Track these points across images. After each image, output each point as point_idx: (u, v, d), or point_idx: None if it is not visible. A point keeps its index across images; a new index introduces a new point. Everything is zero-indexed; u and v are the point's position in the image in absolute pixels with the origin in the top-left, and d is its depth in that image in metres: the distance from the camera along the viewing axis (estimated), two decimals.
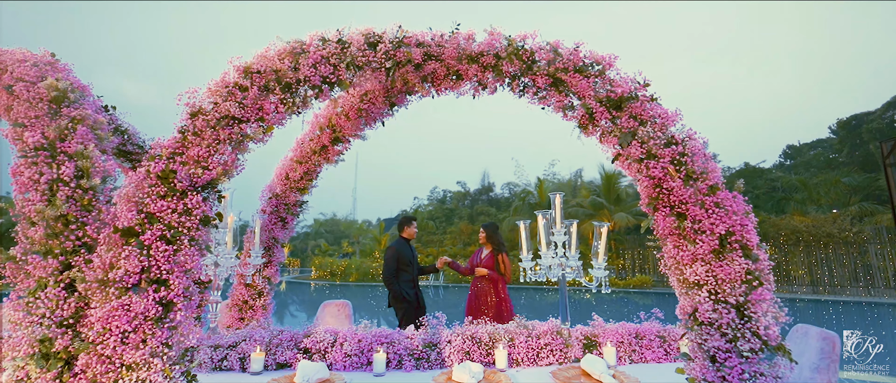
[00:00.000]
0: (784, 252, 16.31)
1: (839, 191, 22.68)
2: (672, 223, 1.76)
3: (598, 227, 2.44)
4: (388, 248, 4.20)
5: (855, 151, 29.25)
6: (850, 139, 30.09)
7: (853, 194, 22.67)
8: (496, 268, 4.16)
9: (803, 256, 15.91)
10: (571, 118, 2.21)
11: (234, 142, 1.95)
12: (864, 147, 28.43)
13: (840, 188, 22.63)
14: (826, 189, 22.86)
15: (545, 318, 2.55)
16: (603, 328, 2.47)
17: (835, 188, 22.73)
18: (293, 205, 3.28)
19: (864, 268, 14.80)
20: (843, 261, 15.23)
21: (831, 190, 22.79)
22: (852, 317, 10.84)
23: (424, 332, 2.41)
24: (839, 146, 31.19)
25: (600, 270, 2.38)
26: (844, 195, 22.65)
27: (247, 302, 3.19)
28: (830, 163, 29.99)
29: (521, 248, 2.67)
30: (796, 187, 23.59)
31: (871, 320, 10.34)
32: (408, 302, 4.02)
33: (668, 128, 1.88)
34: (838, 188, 22.67)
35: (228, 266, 2.37)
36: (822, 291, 15.45)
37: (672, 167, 1.78)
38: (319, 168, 3.23)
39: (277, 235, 3.25)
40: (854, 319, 10.57)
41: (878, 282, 14.49)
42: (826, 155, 32.13)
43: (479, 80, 2.53)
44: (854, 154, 29.12)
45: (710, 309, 1.62)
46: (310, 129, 3.13)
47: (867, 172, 25.19)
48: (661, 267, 1.86)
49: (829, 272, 15.48)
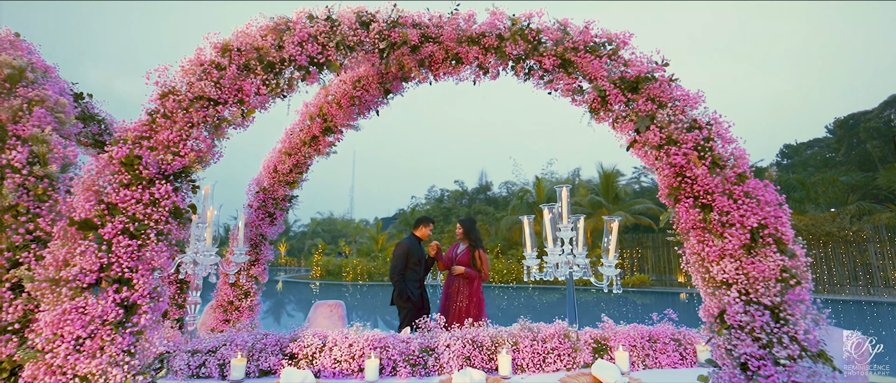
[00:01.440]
0: None
1: (837, 190, 22.66)
2: (696, 215, 1.59)
3: (608, 222, 2.26)
4: (400, 244, 4.02)
5: (852, 150, 29.31)
6: (847, 138, 30.15)
7: (851, 193, 22.66)
8: (472, 264, 4.00)
9: None
10: (581, 103, 2.03)
11: (209, 126, 1.76)
12: (861, 146, 28.49)
13: (838, 187, 22.63)
14: (824, 188, 22.85)
15: (543, 320, 2.38)
16: (613, 331, 2.29)
17: (833, 187, 22.71)
18: (282, 200, 3.09)
19: (864, 267, 14.74)
20: (842, 260, 15.17)
21: (829, 188, 22.77)
22: (852, 317, 10.75)
23: (421, 336, 2.22)
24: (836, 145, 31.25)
25: (611, 268, 2.20)
26: (842, 194, 22.63)
27: (232, 303, 3.00)
28: (828, 163, 30.04)
29: (525, 246, 2.49)
30: (794, 186, 23.57)
31: (870, 319, 10.26)
32: (412, 302, 3.84)
33: (691, 111, 1.70)
34: (836, 187, 22.66)
35: (208, 264, 2.18)
36: (820, 290, 15.38)
37: (695, 153, 1.60)
38: (310, 160, 3.03)
39: (265, 231, 3.06)
40: (853, 318, 10.48)
41: (878, 280, 14.43)
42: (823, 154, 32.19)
43: (479, 64, 2.34)
44: (851, 153, 29.17)
45: (741, 311, 1.44)
46: (299, 119, 2.94)
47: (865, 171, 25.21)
48: (682, 264, 1.69)
49: (828, 271, 15.41)
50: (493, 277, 17.80)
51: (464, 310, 3.95)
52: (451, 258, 4.12)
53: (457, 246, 4.22)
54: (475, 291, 4.02)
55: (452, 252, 4.18)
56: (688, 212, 1.60)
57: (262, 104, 1.95)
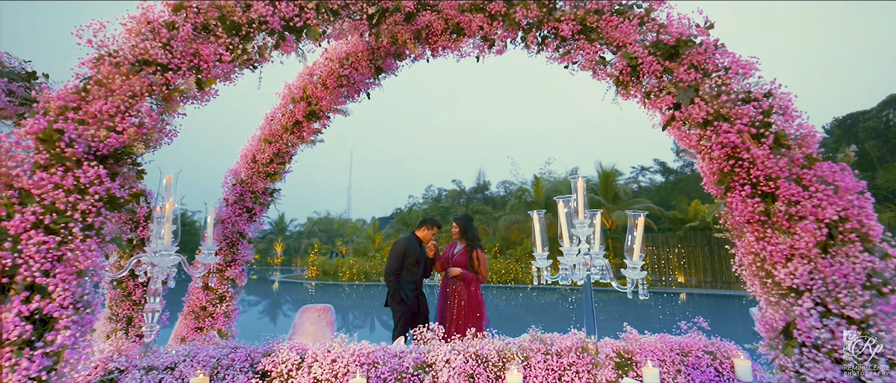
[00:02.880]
0: None
1: None
2: (755, 206, 1.29)
3: (632, 218, 1.96)
4: (397, 243, 3.71)
5: None
6: (845, 138, 30.07)
7: None
8: (469, 265, 3.70)
9: None
10: (605, 76, 1.73)
11: (157, 97, 1.44)
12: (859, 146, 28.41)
13: None
14: None
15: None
16: (638, 342, 1.99)
17: None
18: (262, 194, 2.77)
19: None
20: None
21: None
22: None
23: (416, 350, 1.92)
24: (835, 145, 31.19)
25: (636, 270, 1.90)
26: None
27: (205, 309, 2.68)
28: None
29: (535, 244, 2.18)
30: None
31: None
32: (406, 305, 3.55)
33: (743, 81, 1.41)
34: None
35: (166, 266, 1.86)
36: None
37: (752, 131, 1.31)
38: (293, 149, 2.71)
39: (242, 229, 2.74)
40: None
41: None
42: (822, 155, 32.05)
43: (484, 36, 2.04)
44: None
45: (817, 326, 1.15)
46: (280, 102, 2.62)
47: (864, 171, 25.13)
48: (733, 266, 1.39)
49: None
50: (491, 277, 17.51)
51: (462, 313, 3.66)
52: (448, 258, 3.82)
53: (453, 245, 3.92)
54: (473, 293, 3.72)
55: (449, 252, 3.88)
56: (744, 202, 1.30)
57: (226, 75, 1.63)
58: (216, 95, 1.65)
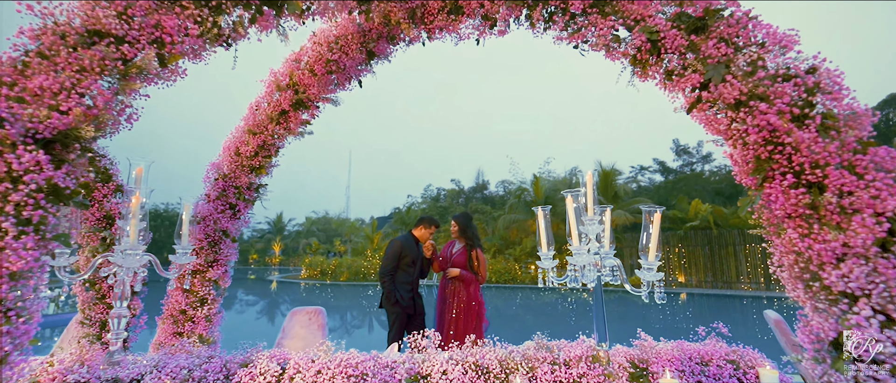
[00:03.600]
0: None
1: None
2: (799, 198, 1.12)
3: (647, 214, 1.78)
4: (392, 242, 3.55)
5: None
6: None
7: None
8: (469, 265, 3.53)
9: None
10: (619, 56, 1.56)
11: (112, 73, 1.26)
12: None
13: None
14: None
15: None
16: (653, 350, 1.82)
17: None
18: (246, 189, 2.58)
19: None
20: None
21: None
22: None
23: (411, 359, 1.74)
24: None
25: (652, 272, 1.73)
26: None
27: (185, 313, 2.49)
28: None
29: (540, 244, 2.00)
30: None
31: None
32: (401, 306, 3.37)
33: (783, 55, 1.23)
34: None
35: (132, 268, 1.68)
36: None
37: (795, 111, 1.13)
38: (280, 141, 2.53)
39: (226, 227, 2.55)
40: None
41: None
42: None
43: (485, 14, 1.86)
44: None
45: (876, 336, 0.97)
46: (265, 91, 2.44)
47: None
48: (770, 267, 1.21)
49: None
50: (490, 277, 17.35)
51: (462, 316, 3.50)
52: (446, 258, 3.64)
53: (452, 244, 3.74)
54: (473, 295, 3.55)
55: (447, 251, 3.70)
56: (785, 193, 1.13)
57: (194, 52, 1.45)
58: (184, 75, 1.46)
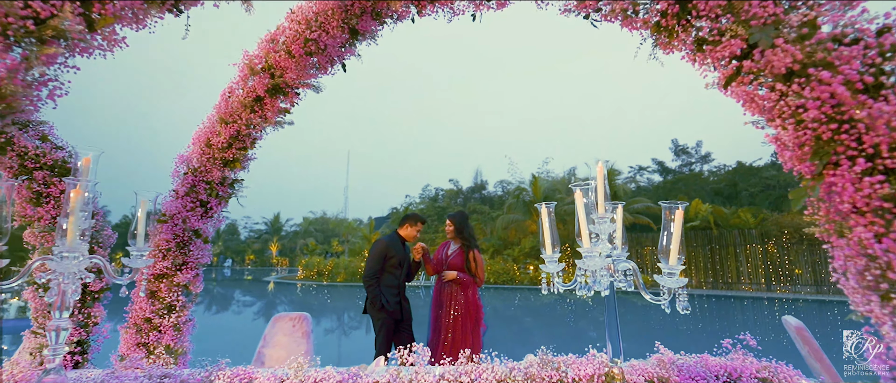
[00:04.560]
0: (786, 250, 15.75)
1: None
2: (873, 188, 0.89)
3: (667, 211, 1.55)
4: (376, 242, 3.31)
5: None
6: None
7: None
8: (466, 267, 3.29)
9: (807, 255, 15.36)
10: (639, 25, 1.33)
11: (20, 36, 1.02)
12: None
13: None
14: None
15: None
16: (675, 366, 1.59)
17: None
18: (219, 185, 2.34)
19: None
20: None
21: None
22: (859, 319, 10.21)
23: (396, 377, 1.50)
24: None
25: (674, 278, 1.49)
26: None
27: (150, 321, 2.25)
28: None
29: (544, 244, 1.77)
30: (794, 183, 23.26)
31: None
32: (387, 312, 3.14)
33: (846, 15, 1.01)
34: None
35: (72, 271, 1.44)
36: (826, 291, 14.92)
37: (868, 79, 0.91)
38: (256, 131, 2.29)
39: (196, 226, 2.31)
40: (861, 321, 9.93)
41: None
42: None
43: None
44: None
45: None
46: (239, 75, 2.20)
47: None
48: (831, 270, 0.99)
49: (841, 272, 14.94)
50: (488, 278, 17.14)
51: (459, 321, 3.27)
52: (442, 260, 3.41)
53: (447, 245, 3.50)
54: (471, 299, 3.32)
55: (442, 253, 3.46)
56: (855, 182, 0.90)
57: (136, 18, 1.21)
58: (124, 45, 1.23)
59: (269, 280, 22.89)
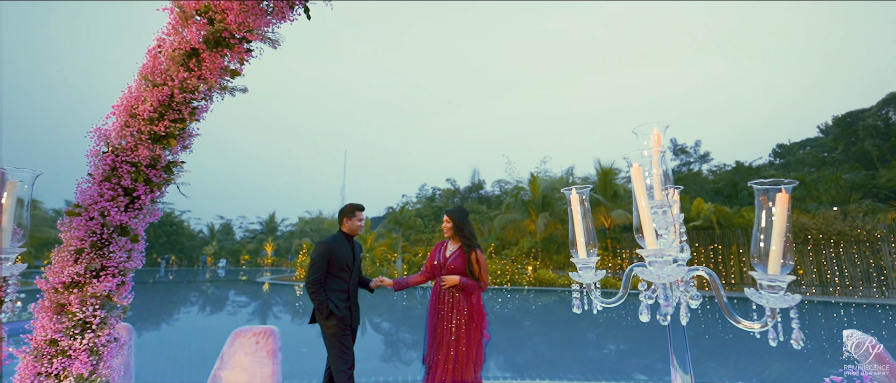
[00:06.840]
0: None
1: (839, 189, 22.11)
2: None
3: (761, 194, 1.06)
4: (318, 245, 2.87)
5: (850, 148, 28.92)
6: (845, 136, 29.77)
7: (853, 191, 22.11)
8: (468, 270, 2.80)
9: (812, 255, 15.01)
10: None
11: None
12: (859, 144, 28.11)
13: (840, 185, 22.09)
14: (826, 186, 22.29)
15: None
16: None
17: (835, 185, 22.16)
18: (148, 168, 1.82)
19: (878, 268, 13.94)
20: (855, 261, 14.35)
21: (831, 187, 22.20)
22: (864, 320, 9.84)
23: None
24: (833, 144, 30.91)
25: (780, 293, 1.00)
26: (844, 192, 22.07)
27: (56, 344, 1.72)
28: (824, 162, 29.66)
29: (574, 243, 1.28)
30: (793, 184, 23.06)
31: (885, 323, 9.36)
32: (338, 317, 2.76)
33: None
34: (839, 185, 22.11)
35: None
36: (831, 292, 14.57)
37: None
38: (197, 98, 1.77)
39: (119, 220, 1.79)
40: (867, 322, 9.56)
41: (893, 282, 13.64)
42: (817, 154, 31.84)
43: None
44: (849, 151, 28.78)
45: None
46: (169, 24, 1.68)
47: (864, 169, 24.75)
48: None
49: (839, 272, 14.60)
50: None
51: (462, 331, 2.78)
52: (439, 264, 2.90)
53: (443, 245, 2.99)
54: (475, 307, 2.81)
55: (439, 254, 2.96)
56: None
57: None
58: None
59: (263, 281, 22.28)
